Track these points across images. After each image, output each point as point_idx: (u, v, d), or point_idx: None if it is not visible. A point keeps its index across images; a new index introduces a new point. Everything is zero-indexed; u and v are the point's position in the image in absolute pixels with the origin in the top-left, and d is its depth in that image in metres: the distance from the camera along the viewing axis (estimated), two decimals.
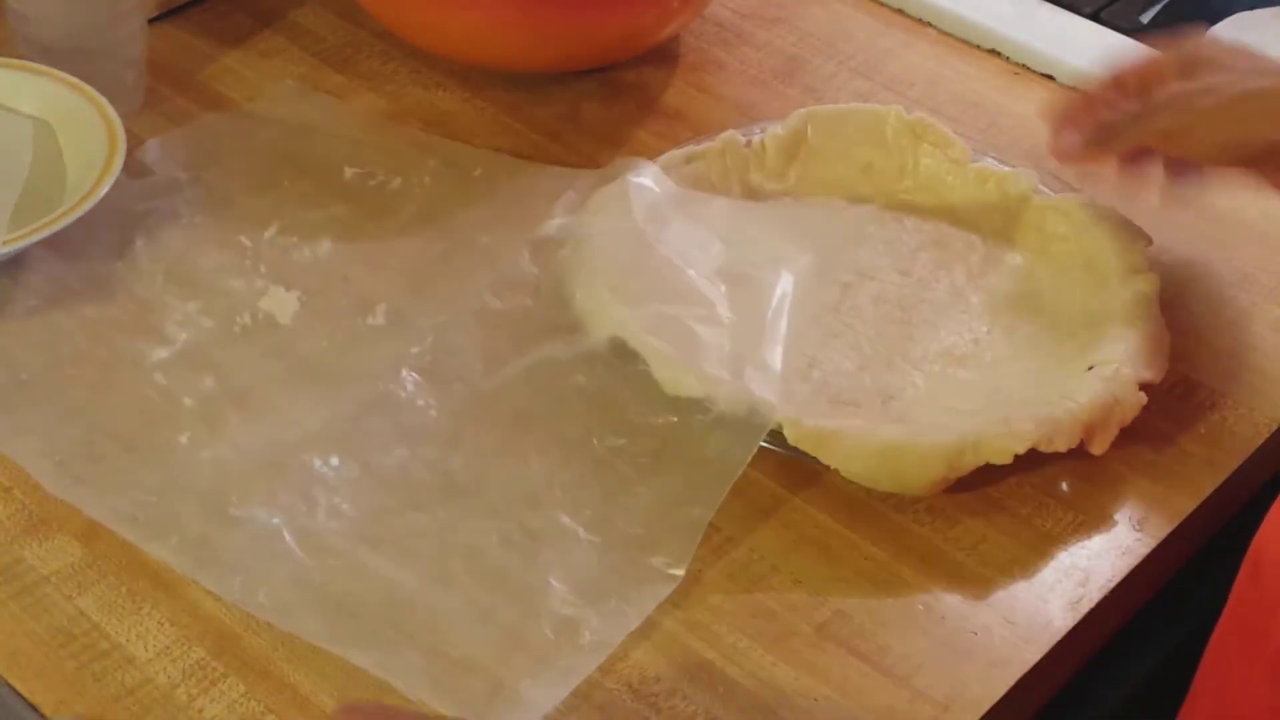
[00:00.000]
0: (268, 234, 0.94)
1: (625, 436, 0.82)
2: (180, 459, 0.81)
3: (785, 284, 0.87)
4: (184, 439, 0.82)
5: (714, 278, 0.87)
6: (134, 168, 0.97)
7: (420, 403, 0.84)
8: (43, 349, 0.87)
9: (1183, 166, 0.88)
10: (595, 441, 0.82)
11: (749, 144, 0.96)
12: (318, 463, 0.81)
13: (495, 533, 0.78)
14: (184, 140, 1.01)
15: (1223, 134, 0.84)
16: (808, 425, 0.80)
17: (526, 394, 0.84)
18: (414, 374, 0.85)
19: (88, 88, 0.97)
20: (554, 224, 0.92)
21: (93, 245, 0.92)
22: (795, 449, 0.81)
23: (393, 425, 0.83)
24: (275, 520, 0.78)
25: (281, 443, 0.82)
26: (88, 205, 0.90)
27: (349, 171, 0.98)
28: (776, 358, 0.83)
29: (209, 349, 0.87)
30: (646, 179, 0.91)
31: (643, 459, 0.81)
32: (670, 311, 0.85)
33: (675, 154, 0.95)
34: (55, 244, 0.90)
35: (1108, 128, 0.87)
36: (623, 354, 0.84)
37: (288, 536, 0.77)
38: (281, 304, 0.90)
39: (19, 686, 0.73)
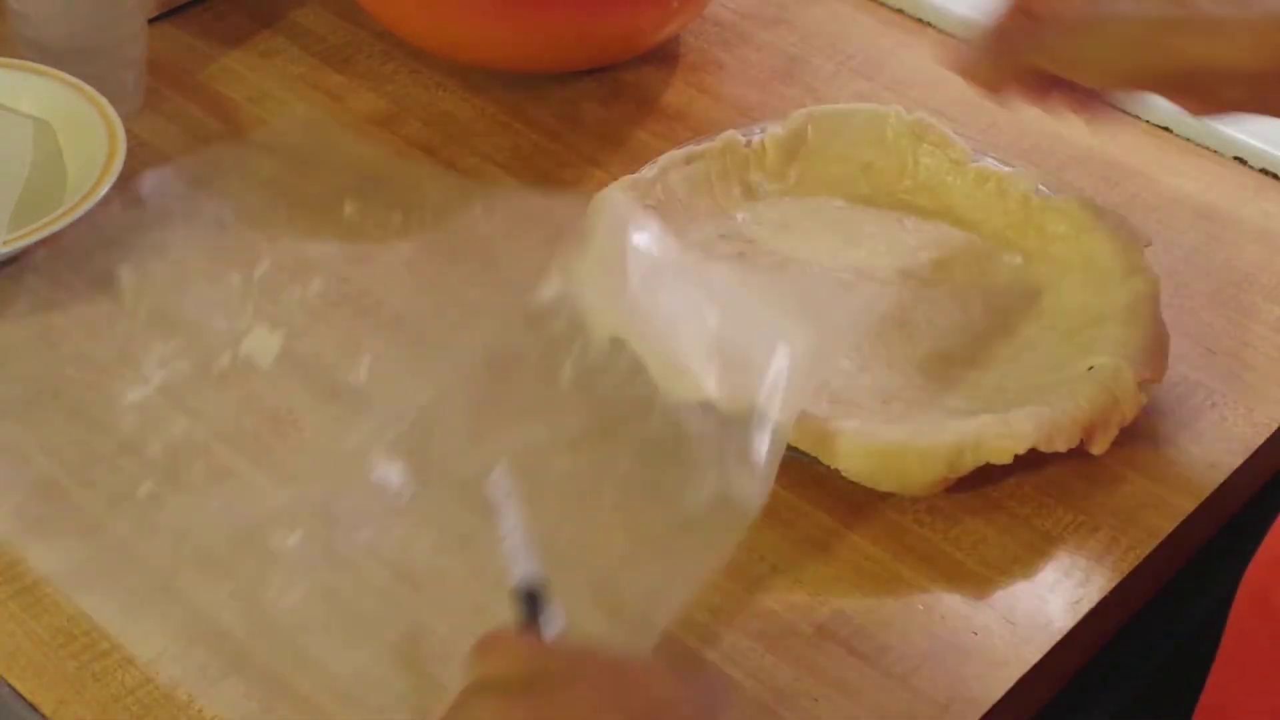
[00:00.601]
0: (258, 271, 0.91)
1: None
2: (135, 514, 0.79)
3: (779, 366, 0.80)
4: (143, 490, 0.80)
5: (706, 353, 0.86)
6: (128, 198, 0.95)
7: (394, 482, 0.80)
8: (24, 380, 0.86)
9: (1090, 96, 0.86)
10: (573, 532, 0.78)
11: (749, 144, 0.96)
12: (276, 538, 0.77)
13: (447, 624, 0.75)
14: (181, 171, 0.98)
15: (1128, 60, 0.81)
16: (808, 425, 0.80)
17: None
18: (390, 452, 0.80)
19: (88, 88, 0.97)
20: (550, 289, 0.86)
21: (78, 277, 0.90)
22: (795, 449, 0.81)
23: (362, 505, 0.79)
24: (221, 594, 0.75)
25: (242, 511, 0.79)
26: (88, 205, 0.90)
27: (349, 207, 0.95)
28: (763, 446, 0.77)
29: (183, 393, 0.84)
30: (644, 238, 0.89)
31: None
32: None
33: (675, 154, 0.95)
34: (44, 269, 0.90)
35: (1006, 47, 0.84)
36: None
37: (230, 614, 0.75)
38: (264, 346, 0.87)
39: (19, 686, 0.73)
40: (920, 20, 1.14)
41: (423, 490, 0.79)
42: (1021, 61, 0.84)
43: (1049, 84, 0.85)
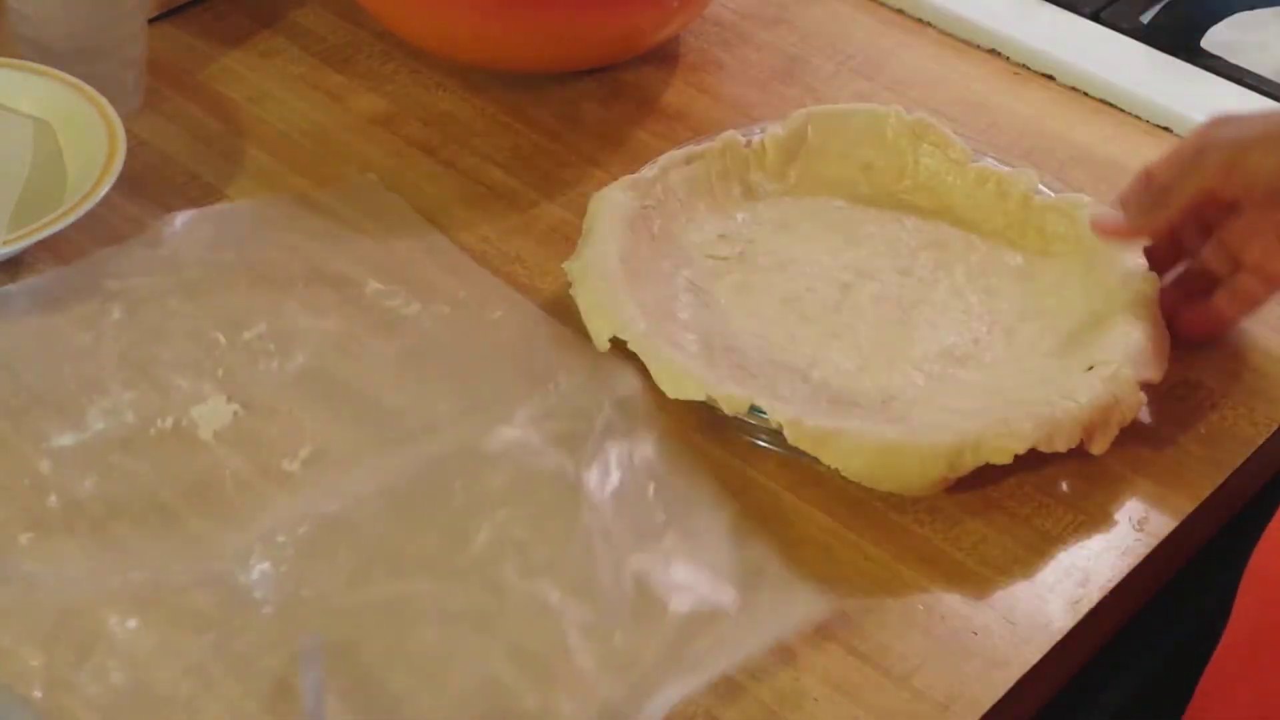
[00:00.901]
0: (247, 334, 0.88)
1: None
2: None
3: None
4: (23, 540, 0.78)
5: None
6: (150, 237, 0.93)
7: (258, 594, 0.75)
8: None
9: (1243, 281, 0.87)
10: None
11: (749, 144, 0.96)
12: (114, 620, 0.74)
13: None
14: (210, 219, 0.95)
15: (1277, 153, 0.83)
16: (808, 425, 0.80)
17: (374, 629, 0.74)
18: (271, 557, 0.76)
19: (88, 88, 0.97)
20: (504, 438, 0.81)
21: (63, 314, 0.89)
22: (795, 449, 0.81)
23: (216, 609, 0.75)
24: (34, 663, 0.73)
25: (96, 584, 0.76)
26: (88, 205, 0.90)
27: (371, 285, 0.91)
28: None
29: (110, 449, 0.82)
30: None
31: None
32: None
33: (675, 154, 0.95)
34: (38, 289, 0.89)
35: (1158, 188, 0.86)
36: None
37: (37, 690, 0.72)
38: (213, 415, 0.84)
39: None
40: (920, 20, 1.14)
41: (282, 609, 0.75)
42: (1182, 190, 0.85)
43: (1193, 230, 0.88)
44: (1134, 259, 0.89)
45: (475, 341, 0.88)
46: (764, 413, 0.81)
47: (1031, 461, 0.81)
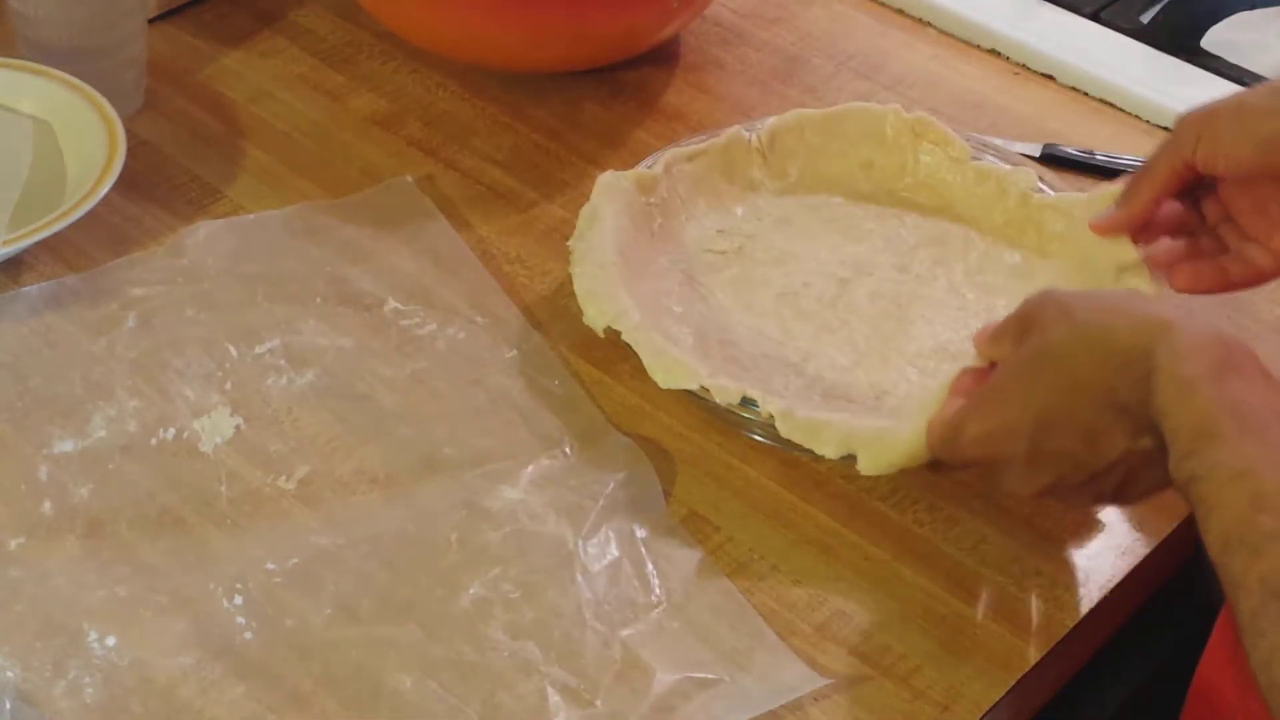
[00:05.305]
0: (260, 348, 0.87)
1: None
2: None
3: None
4: (13, 545, 0.78)
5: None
6: (173, 247, 0.93)
7: (239, 620, 0.75)
8: None
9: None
10: None
11: (750, 142, 0.96)
12: (93, 635, 0.74)
13: None
14: (234, 230, 0.94)
15: (1249, 136, 0.80)
16: (800, 416, 0.80)
17: (353, 668, 0.74)
18: (254, 590, 0.76)
19: (88, 88, 0.97)
20: (505, 497, 0.81)
21: (78, 320, 0.89)
22: (789, 442, 0.80)
23: (196, 632, 0.75)
24: (9, 674, 0.72)
25: (77, 596, 0.76)
26: (88, 206, 0.90)
27: (390, 305, 0.90)
28: None
29: (109, 458, 0.81)
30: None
31: None
32: None
33: (678, 151, 0.95)
34: (54, 293, 0.89)
35: (1139, 170, 0.85)
36: None
37: (8, 702, 0.71)
38: (216, 428, 0.83)
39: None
40: (920, 20, 1.14)
41: (263, 637, 0.74)
42: (1160, 167, 0.83)
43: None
44: (1129, 256, 0.88)
45: (488, 382, 0.87)
46: (756, 404, 0.81)
47: None
